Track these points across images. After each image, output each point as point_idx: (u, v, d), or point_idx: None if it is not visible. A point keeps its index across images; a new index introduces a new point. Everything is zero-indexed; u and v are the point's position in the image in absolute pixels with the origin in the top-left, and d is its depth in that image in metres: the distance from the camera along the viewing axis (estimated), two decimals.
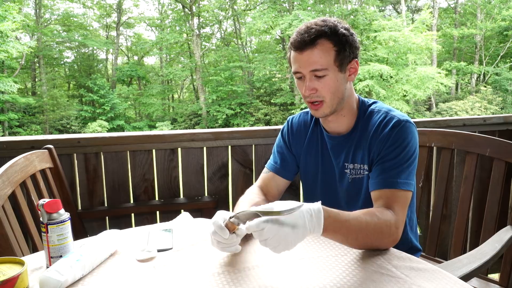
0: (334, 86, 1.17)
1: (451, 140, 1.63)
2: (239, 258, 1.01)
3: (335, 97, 1.19)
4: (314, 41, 1.13)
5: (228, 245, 0.98)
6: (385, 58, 19.07)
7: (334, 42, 1.14)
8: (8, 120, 19.23)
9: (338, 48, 1.15)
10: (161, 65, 27.12)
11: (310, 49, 1.13)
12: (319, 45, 1.13)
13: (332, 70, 1.15)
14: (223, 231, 0.95)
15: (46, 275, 0.86)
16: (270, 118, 20.97)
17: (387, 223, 1.04)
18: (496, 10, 21.32)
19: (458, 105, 18.95)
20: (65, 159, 1.94)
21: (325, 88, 1.16)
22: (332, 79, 1.16)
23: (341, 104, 1.22)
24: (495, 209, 1.49)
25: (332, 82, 1.16)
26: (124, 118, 22.70)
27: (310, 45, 1.13)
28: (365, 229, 1.00)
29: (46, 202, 0.95)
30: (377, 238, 1.02)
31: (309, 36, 1.13)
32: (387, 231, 1.04)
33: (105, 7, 25.68)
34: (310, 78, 1.16)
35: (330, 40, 1.14)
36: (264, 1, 23.36)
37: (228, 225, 0.95)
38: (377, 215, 1.04)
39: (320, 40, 1.13)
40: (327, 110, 1.20)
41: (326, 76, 1.15)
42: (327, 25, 1.15)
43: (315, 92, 1.17)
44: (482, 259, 1.15)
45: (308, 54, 1.14)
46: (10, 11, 15.17)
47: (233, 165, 2.15)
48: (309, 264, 0.97)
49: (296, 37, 1.15)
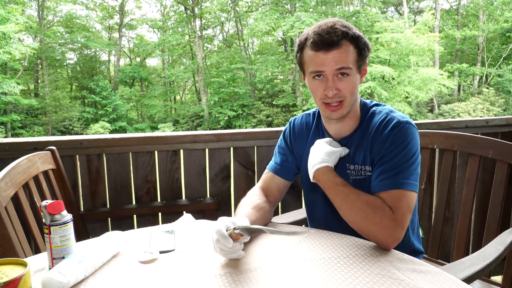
0: (354, 87, 1.19)
1: (454, 142, 1.62)
2: (241, 260, 1.01)
3: (353, 97, 1.21)
4: (340, 41, 1.15)
5: (231, 253, 0.98)
6: (387, 59, 19.05)
7: (355, 44, 1.17)
8: (11, 122, 19.30)
9: (358, 49, 1.18)
10: (163, 66, 27.19)
11: (337, 48, 1.15)
12: (344, 45, 1.15)
13: (354, 70, 1.18)
14: (227, 240, 0.96)
15: (48, 276, 0.86)
16: (272, 120, 20.97)
17: (390, 216, 1.07)
18: (499, 12, 21.30)
19: (460, 107, 18.92)
20: (67, 161, 1.94)
21: (347, 88, 1.18)
22: (352, 79, 1.18)
23: (354, 106, 1.24)
24: (498, 211, 1.48)
25: (353, 83, 1.19)
26: (126, 120, 22.76)
27: (337, 45, 1.14)
28: (363, 201, 1.10)
29: (48, 203, 0.96)
30: (375, 217, 1.07)
31: (336, 36, 1.14)
32: (387, 223, 1.06)
33: (108, 9, 25.78)
34: (333, 78, 1.17)
35: (351, 41, 1.16)
36: (266, 3, 23.40)
37: (232, 235, 0.96)
38: (379, 200, 1.10)
39: (345, 41, 1.15)
40: (345, 111, 1.22)
41: (349, 76, 1.17)
42: (345, 26, 1.17)
43: (338, 93, 1.18)
44: (484, 261, 1.14)
45: (334, 53, 1.15)
46: (13, 13, 15.24)
47: (235, 166, 2.15)
48: (311, 266, 0.97)
49: (319, 37, 1.15)
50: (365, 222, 1.08)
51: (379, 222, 1.06)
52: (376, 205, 1.09)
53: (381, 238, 1.06)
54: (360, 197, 1.11)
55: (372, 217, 1.07)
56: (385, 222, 1.06)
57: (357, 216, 1.09)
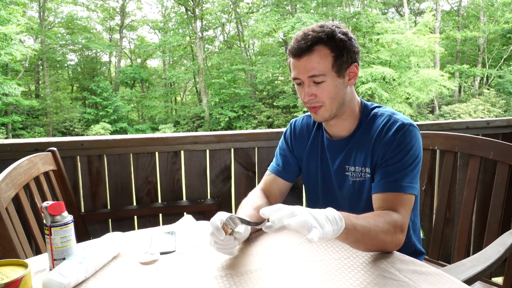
0: (333, 92, 1.18)
1: (455, 143, 1.62)
2: (241, 261, 1.01)
3: (334, 102, 1.19)
4: (311, 47, 1.13)
5: (224, 247, 0.98)
6: (387, 60, 19.06)
7: (331, 48, 1.14)
8: (12, 123, 19.32)
9: (336, 53, 1.15)
10: (164, 67, 27.20)
11: (307, 55, 1.14)
12: (316, 51, 1.14)
13: (330, 75, 1.16)
14: (219, 232, 0.96)
15: (49, 278, 0.86)
16: (273, 121, 20.98)
17: (393, 224, 1.04)
18: (499, 13, 21.32)
19: (461, 108, 18.91)
20: (68, 162, 1.94)
21: (324, 93, 1.17)
22: (330, 84, 1.17)
23: (341, 109, 1.22)
24: (499, 212, 1.48)
25: (330, 88, 1.17)
26: (127, 121, 22.77)
27: (307, 51, 1.14)
28: (373, 230, 0.99)
29: (49, 204, 0.96)
30: (384, 239, 1.02)
31: (306, 42, 1.13)
32: (393, 231, 1.03)
33: (109, 10, 25.82)
34: (309, 84, 1.17)
35: (327, 46, 1.14)
36: (267, 4, 23.41)
37: (224, 227, 0.96)
38: (383, 217, 1.04)
39: (317, 47, 1.14)
40: (326, 114, 1.21)
41: (324, 82, 1.16)
42: (324, 31, 1.15)
43: (314, 98, 1.18)
44: (485, 263, 1.14)
45: (305, 60, 1.14)
46: (15, 14, 15.28)
47: (235, 167, 2.15)
48: (312, 267, 0.97)
49: (294, 44, 1.16)
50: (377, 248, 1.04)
51: (387, 243, 1.03)
52: (384, 230, 1.01)
53: (389, 249, 1.04)
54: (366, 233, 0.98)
55: (384, 245, 1.03)
56: (391, 240, 1.03)
57: (370, 249, 1.03)
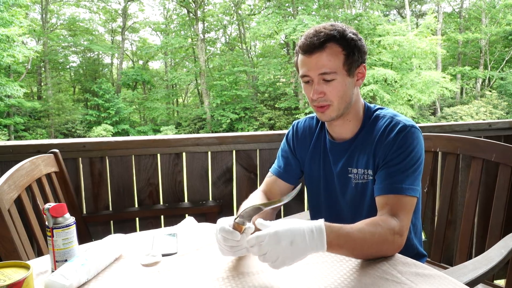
0: (342, 90, 1.17)
1: (457, 145, 1.62)
2: (243, 263, 1.01)
3: (342, 101, 1.18)
4: (323, 44, 1.13)
5: (240, 248, 0.98)
6: (389, 62, 19.03)
7: (343, 46, 1.14)
8: (14, 124, 19.36)
9: (347, 52, 1.15)
10: (166, 69, 27.24)
11: (319, 52, 1.13)
12: (328, 48, 1.13)
13: (340, 74, 1.15)
14: (234, 234, 0.95)
15: (51, 279, 0.86)
16: (274, 123, 20.98)
17: (391, 231, 1.03)
18: (501, 15, 21.29)
19: (463, 110, 18.87)
20: (70, 163, 1.95)
21: (333, 92, 1.16)
22: (340, 83, 1.16)
23: (347, 109, 1.22)
24: (501, 214, 1.48)
25: (340, 86, 1.16)
26: (128, 122, 22.80)
27: (319, 48, 1.13)
28: (369, 240, 0.99)
29: (51, 206, 0.96)
30: (382, 247, 1.02)
31: (319, 39, 1.13)
32: (391, 239, 1.03)
33: (111, 12, 25.88)
34: (318, 81, 1.16)
35: (339, 44, 1.14)
36: (268, 6, 23.44)
37: (236, 227, 0.96)
38: (380, 225, 1.03)
39: (329, 44, 1.13)
40: (333, 114, 1.20)
41: (335, 80, 1.15)
42: (335, 29, 1.15)
43: (323, 96, 1.17)
44: (488, 265, 1.14)
45: (317, 57, 1.14)
46: (17, 16, 15.31)
47: (237, 169, 2.15)
48: (314, 269, 0.97)
49: (305, 41, 1.15)
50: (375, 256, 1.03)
51: (386, 251, 1.03)
52: (381, 239, 1.01)
53: (388, 255, 1.04)
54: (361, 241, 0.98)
55: (381, 253, 1.03)
56: (390, 248, 1.03)
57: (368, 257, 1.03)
